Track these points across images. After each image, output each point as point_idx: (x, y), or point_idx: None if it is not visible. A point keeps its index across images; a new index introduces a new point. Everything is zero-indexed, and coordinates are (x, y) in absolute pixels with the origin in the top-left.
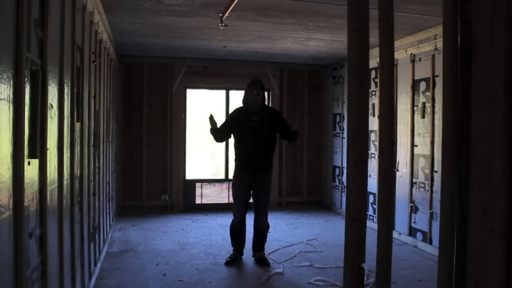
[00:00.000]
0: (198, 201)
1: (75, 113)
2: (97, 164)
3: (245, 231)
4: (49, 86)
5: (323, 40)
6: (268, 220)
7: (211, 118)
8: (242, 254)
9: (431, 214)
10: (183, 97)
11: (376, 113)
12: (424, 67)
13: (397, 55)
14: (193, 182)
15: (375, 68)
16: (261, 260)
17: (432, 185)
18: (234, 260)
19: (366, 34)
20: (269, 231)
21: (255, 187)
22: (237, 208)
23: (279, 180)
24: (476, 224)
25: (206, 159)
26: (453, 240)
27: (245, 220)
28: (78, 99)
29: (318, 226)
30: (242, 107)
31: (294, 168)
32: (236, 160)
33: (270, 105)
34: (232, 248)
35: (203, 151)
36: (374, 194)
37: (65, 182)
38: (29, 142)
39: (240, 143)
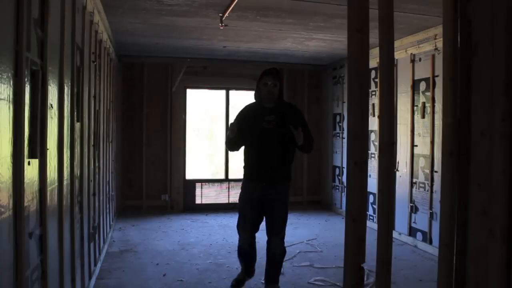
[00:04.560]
0: (198, 201)
1: (75, 113)
2: (97, 164)
3: (255, 253)
4: (49, 86)
5: (323, 40)
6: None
7: (233, 126)
8: (251, 276)
9: (431, 214)
10: (183, 97)
11: (376, 113)
12: (424, 67)
13: (397, 55)
14: (193, 182)
15: (375, 68)
16: None
17: (432, 185)
18: (240, 283)
19: (366, 34)
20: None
21: (269, 202)
22: (243, 227)
23: None
24: (476, 224)
25: (206, 159)
26: (453, 240)
27: (254, 241)
28: (78, 99)
29: (318, 226)
30: (253, 103)
31: (294, 168)
32: (245, 167)
33: None
34: (241, 268)
35: (203, 151)
36: (374, 194)
37: (65, 182)
38: (29, 142)
39: (251, 148)
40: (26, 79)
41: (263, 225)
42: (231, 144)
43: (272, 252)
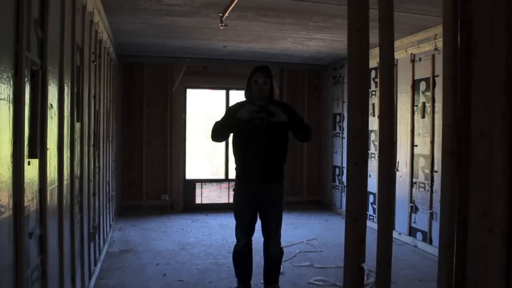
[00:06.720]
0: (198, 201)
1: (75, 113)
2: (97, 164)
3: (251, 258)
4: (49, 86)
5: (323, 40)
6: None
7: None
8: (249, 287)
9: (431, 214)
10: (183, 97)
11: (376, 113)
12: (424, 67)
13: (397, 55)
14: (193, 182)
15: (375, 68)
16: None
17: (432, 185)
18: None
19: (366, 34)
20: (283, 258)
21: (263, 203)
22: (240, 231)
23: None
24: (476, 224)
25: (206, 158)
26: (453, 240)
27: (251, 245)
28: (78, 99)
29: (318, 226)
30: (243, 101)
31: (294, 168)
32: (237, 168)
33: None
34: (237, 279)
35: (203, 151)
36: (374, 194)
37: (65, 182)
38: (29, 142)
39: (242, 148)
40: (26, 79)
41: (258, 225)
42: (220, 132)
43: (271, 255)
